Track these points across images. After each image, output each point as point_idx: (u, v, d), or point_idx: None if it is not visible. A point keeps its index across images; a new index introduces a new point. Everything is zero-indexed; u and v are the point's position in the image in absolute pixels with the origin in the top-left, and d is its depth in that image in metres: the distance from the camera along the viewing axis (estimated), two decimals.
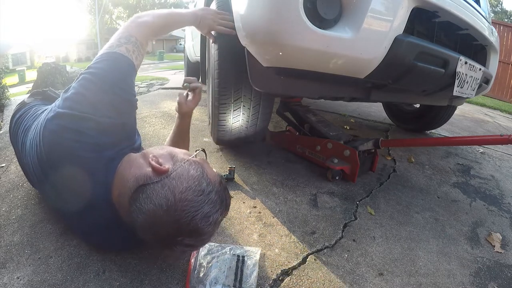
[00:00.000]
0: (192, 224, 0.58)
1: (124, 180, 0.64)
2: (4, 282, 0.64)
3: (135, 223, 0.60)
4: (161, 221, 0.57)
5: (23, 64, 21.05)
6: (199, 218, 0.58)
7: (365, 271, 0.80)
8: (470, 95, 1.30)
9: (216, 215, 0.61)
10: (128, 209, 0.61)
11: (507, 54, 6.36)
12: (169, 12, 0.94)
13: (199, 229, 0.59)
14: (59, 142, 0.62)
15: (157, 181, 0.60)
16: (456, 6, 1.04)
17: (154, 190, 0.59)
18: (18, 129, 0.82)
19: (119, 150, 0.68)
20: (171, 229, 0.58)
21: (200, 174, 0.63)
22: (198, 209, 0.58)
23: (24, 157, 0.74)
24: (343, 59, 0.90)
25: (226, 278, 0.69)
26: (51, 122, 0.63)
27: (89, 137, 0.62)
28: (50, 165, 0.64)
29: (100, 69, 0.68)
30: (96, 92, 0.65)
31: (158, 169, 0.62)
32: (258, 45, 0.97)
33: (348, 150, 1.23)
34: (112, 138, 0.67)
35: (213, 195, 0.61)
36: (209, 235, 0.62)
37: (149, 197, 0.59)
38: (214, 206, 0.60)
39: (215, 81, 1.18)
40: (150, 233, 0.60)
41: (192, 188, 0.60)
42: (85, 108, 0.63)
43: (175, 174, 0.62)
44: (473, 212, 1.20)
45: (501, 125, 3.25)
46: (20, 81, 15.01)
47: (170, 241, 0.59)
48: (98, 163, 0.64)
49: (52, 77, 4.62)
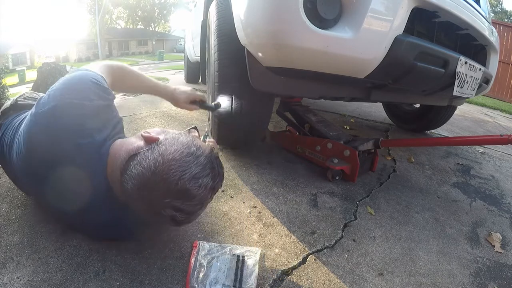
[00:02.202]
0: (180, 184, 0.58)
1: (116, 157, 0.66)
2: (4, 282, 0.64)
3: (126, 192, 0.61)
4: (149, 182, 0.59)
5: (23, 64, 21.05)
6: (187, 178, 0.58)
7: (365, 271, 0.80)
8: (470, 95, 1.30)
9: (207, 179, 0.61)
10: (120, 181, 0.62)
11: (507, 54, 6.36)
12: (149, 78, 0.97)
13: (188, 190, 0.59)
14: (47, 141, 0.62)
15: (148, 148, 0.63)
16: (456, 6, 1.04)
17: (144, 156, 0.62)
18: (3, 148, 0.78)
19: (107, 134, 0.70)
20: (159, 190, 0.58)
21: (190, 140, 0.65)
22: (186, 168, 0.59)
23: (16, 171, 0.72)
24: (343, 59, 0.90)
25: (226, 278, 0.69)
26: (34, 125, 0.63)
27: (75, 124, 0.63)
28: (42, 165, 0.64)
29: (69, 75, 0.70)
30: (73, 83, 0.66)
31: (149, 138, 0.65)
32: (258, 45, 0.97)
33: (348, 150, 1.23)
34: (98, 121, 0.68)
35: (202, 159, 0.62)
36: (200, 202, 0.62)
37: (139, 163, 0.61)
38: (204, 169, 0.61)
39: (215, 81, 1.18)
40: (139, 198, 0.60)
41: (181, 150, 0.62)
42: (64, 96, 0.64)
43: (166, 141, 0.64)
44: (473, 212, 1.20)
45: (501, 125, 3.25)
46: (20, 81, 15.02)
47: (159, 204, 0.59)
48: (91, 149, 0.65)
49: (52, 77, 4.62)
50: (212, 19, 1.22)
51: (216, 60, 1.15)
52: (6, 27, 24.33)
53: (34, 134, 0.63)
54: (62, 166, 0.63)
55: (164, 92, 1.00)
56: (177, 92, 1.00)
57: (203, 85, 3.30)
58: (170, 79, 4.79)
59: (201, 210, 0.65)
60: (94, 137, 0.66)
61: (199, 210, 0.64)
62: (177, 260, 0.75)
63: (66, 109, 0.63)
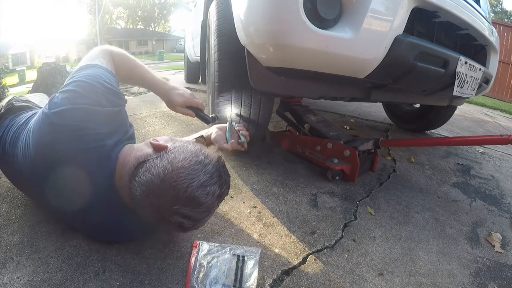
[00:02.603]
0: (188, 192, 0.58)
1: (125, 163, 0.66)
2: (4, 282, 0.64)
3: (134, 199, 0.62)
4: (158, 189, 0.59)
5: (23, 64, 21.05)
6: (195, 186, 0.59)
7: (365, 271, 0.80)
8: (470, 95, 1.30)
9: (214, 187, 0.61)
10: (128, 187, 0.63)
11: (507, 54, 6.36)
12: (148, 70, 0.93)
13: (196, 197, 0.59)
14: (58, 141, 0.62)
15: (157, 156, 0.63)
16: (456, 6, 1.04)
17: (153, 163, 0.62)
18: (5, 144, 0.76)
19: (118, 139, 0.70)
20: (168, 197, 0.59)
21: (198, 149, 0.66)
22: (195, 176, 0.60)
23: (20, 169, 0.71)
24: (343, 59, 0.90)
25: (226, 278, 0.69)
26: (44, 124, 0.63)
27: (87, 128, 0.63)
28: (49, 165, 0.64)
29: (82, 75, 0.69)
30: (86, 87, 0.66)
31: (158, 146, 0.65)
32: (258, 45, 0.97)
33: (348, 150, 1.23)
34: (110, 126, 0.68)
35: (210, 167, 0.63)
36: (207, 209, 0.62)
37: (148, 170, 0.61)
38: (212, 177, 0.62)
39: (215, 81, 1.18)
40: (148, 204, 0.61)
41: (189, 158, 0.62)
42: (78, 101, 0.64)
43: (174, 149, 0.64)
44: (473, 212, 1.20)
45: (501, 125, 3.25)
46: (20, 81, 15.01)
47: (167, 211, 0.59)
48: (101, 153, 0.65)
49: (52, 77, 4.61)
50: (212, 19, 1.22)
51: (216, 60, 1.15)
52: (6, 27, 24.33)
53: (44, 133, 0.63)
54: (70, 167, 0.63)
55: (160, 88, 0.93)
56: (174, 93, 0.93)
57: (203, 85, 3.30)
58: (170, 79, 4.78)
59: (207, 217, 0.66)
60: (104, 141, 0.66)
61: (206, 217, 0.65)
62: (177, 260, 0.75)
63: (78, 113, 0.63)
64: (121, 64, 0.83)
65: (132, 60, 0.88)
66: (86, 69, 0.71)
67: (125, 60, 0.85)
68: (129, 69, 0.87)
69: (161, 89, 0.93)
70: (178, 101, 0.93)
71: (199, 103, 0.97)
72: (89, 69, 0.71)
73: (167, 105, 0.97)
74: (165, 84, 0.94)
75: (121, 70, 0.82)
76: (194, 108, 0.96)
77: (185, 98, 0.94)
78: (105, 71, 0.72)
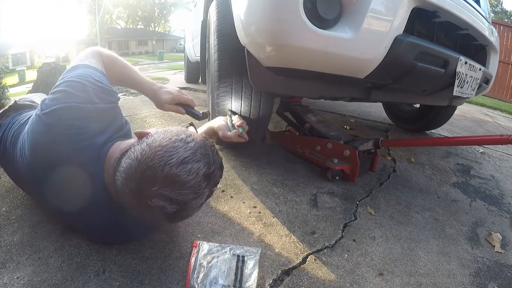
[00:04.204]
0: (166, 170, 0.54)
1: (111, 158, 0.65)
2: (4, 282, 0.64)
3: (118, 191, 0.59)
4: (136, 171, 0.56)
5: (23, 64, 21.05)
6: (174, 163, 0.55)
7: (365, 271, 0.80)
8: (470, 95, 1.30)
9: (198, 165, 0.57)
10: (113, 180, 0.61)
11: (507, 54, 6.37)
12: (136, 71, 0.92)
13: (176, 175, 0.54)
14: (52, 141, 0.62)
15: (138, 143, 0.61)
16: (456, 6, 1.04)
17: (133, 149, 0.60)
18: (6, 142, 0.77)
19: (109, 136, 0.70)
20: (146, 178, 0.55)
21: (181, 129, 0.63)
22: (173, 153, 0.56)
23: (19, 168, 0.71)
24: (343, 59, 0.90)
25: (226, 278, 0.69)
26: (37, 125, 0.64)
27: (79, 127, 0.64)
28: (45, 166, 0.64)
29: (73, 75, 0.69)
30: (76, 86, 0.66)
31: (140, 133, 0.64)
32: (258, 45, 0.96)
33: (348, 150, 1.23)
34: (101, 123, 0.68)
35: (192, 144, 0.59)
36: (193, 191, 0.57)
37: (128, 157, 0.59)
38: (194, 154, 0.57)
39: (215, 81, 1.18)
40: (128, 191, 0.57)
41: (169, 137, 0.59)
42: (68, 99, 0.64)
43: (155, 134, 0.62)
44: (473, 212, 1.20)
45: (501, 125, 3.25)
46: (20, 81, 15.02)
47: (146, 193, 0.55)
48: (92, 151, 0.65)
49: (52, 77, 4.61)
50: (212, 19, 1.22)
51: (216, 60, 1.15)
52: (6, 27, 24.33)
53: (37, 134, 0.64)
54: (63, 167, 0.63)
55: (147, 89, 0.92)
56: (161, 91, 0.92)
57: (203, 85, 3.30)
58: (170, 79, 4.80)
59: (195, 201, 0.58)
60: (95, 139, 0.66)
61: (193, 201, 0.58)
62: (177, 260, 0.75)
63: (69, 112, 0.63)
64: (111, 65, 0.84)
65: (121, 61, 0.88)
66: (76, 70, 0.71)
67: (114, 62, 0.85)
68: (119, 70, 0.88)
69: (149, 90, 0.93)
70: (165, 99, 0.92)
71: (188, 100, 0.96)
72: (79, 69, 0.71)
73: (156, 105, 0.96)
74: (153, 84, 0.94)
75: (110, 71, 0.82)
76: (183, 105, 0.95)
77: (172, 95, 0.93)
78: (95, 70, 0.72)
